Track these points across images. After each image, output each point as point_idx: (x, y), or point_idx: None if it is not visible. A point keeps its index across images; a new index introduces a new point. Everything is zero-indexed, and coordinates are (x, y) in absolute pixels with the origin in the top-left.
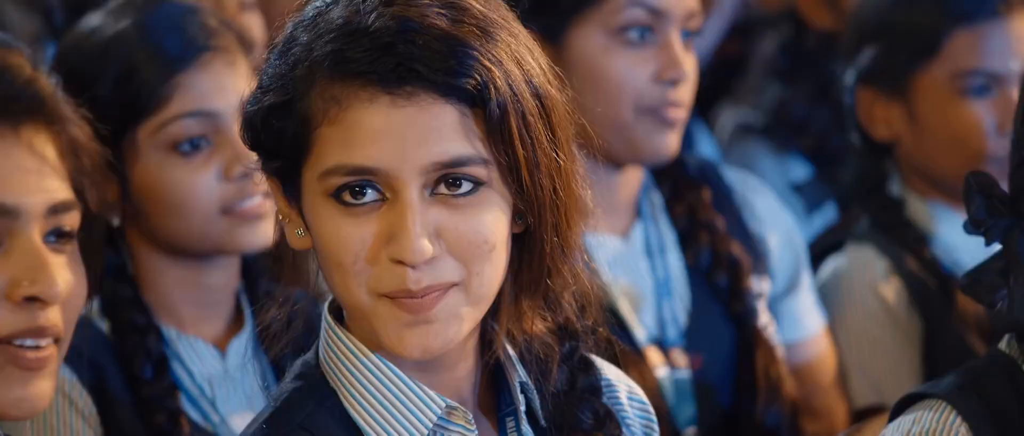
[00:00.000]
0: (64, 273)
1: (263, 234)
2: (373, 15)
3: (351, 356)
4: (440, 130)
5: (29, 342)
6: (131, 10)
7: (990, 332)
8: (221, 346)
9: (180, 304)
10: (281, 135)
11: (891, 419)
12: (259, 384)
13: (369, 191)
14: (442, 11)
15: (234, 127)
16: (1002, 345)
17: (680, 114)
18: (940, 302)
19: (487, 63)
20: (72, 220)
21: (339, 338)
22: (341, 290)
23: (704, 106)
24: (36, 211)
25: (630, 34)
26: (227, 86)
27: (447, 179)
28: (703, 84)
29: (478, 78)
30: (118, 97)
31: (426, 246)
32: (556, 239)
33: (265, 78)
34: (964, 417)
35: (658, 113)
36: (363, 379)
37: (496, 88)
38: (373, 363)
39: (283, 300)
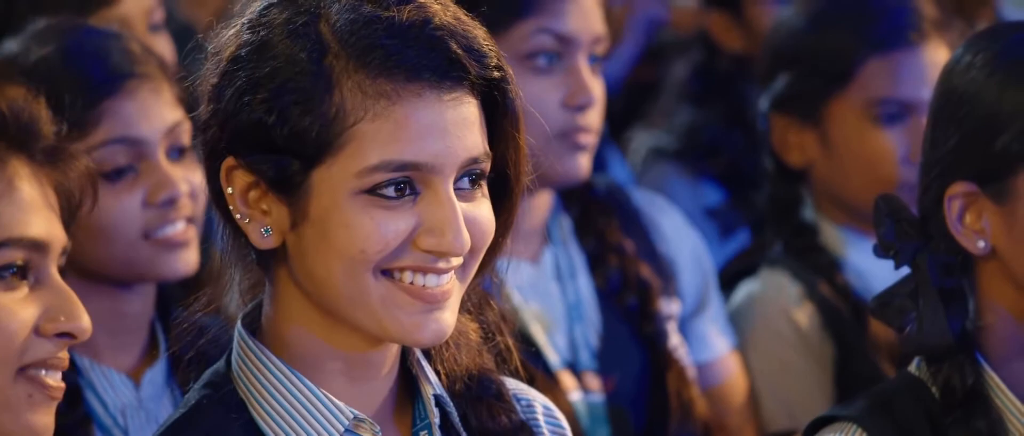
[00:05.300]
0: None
1: (186, 261)
2: (400, 9)
3: (262, 367)
4: (473, 125)
5: (45, 373)
6: (52, 36)
7: (900, 356)
8: (135, 376)
9: (95, 333)
10: (302, 134)
11: None
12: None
13: (403, 186)
14: (442, 3)
15: (158, 153)
16: (911, 368)
17: (590, 138)
18: (852, 327)
19: (498, 55)
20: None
21: (251, 349)
22: (347, 279)
23: (617, 130)
24: (57, 248)
25: (538, 61)
26: (152, 112)
27: (467, 174)
28: (615, 108)
29: (504, 70)
30: None
31: (468, 238)
32: (502, 240)
33: (252, 78)
34: None
35: (568, 138)
36: (273, 389)
37: (510, 79)
38: (284, 374)
39: (195, 328)
